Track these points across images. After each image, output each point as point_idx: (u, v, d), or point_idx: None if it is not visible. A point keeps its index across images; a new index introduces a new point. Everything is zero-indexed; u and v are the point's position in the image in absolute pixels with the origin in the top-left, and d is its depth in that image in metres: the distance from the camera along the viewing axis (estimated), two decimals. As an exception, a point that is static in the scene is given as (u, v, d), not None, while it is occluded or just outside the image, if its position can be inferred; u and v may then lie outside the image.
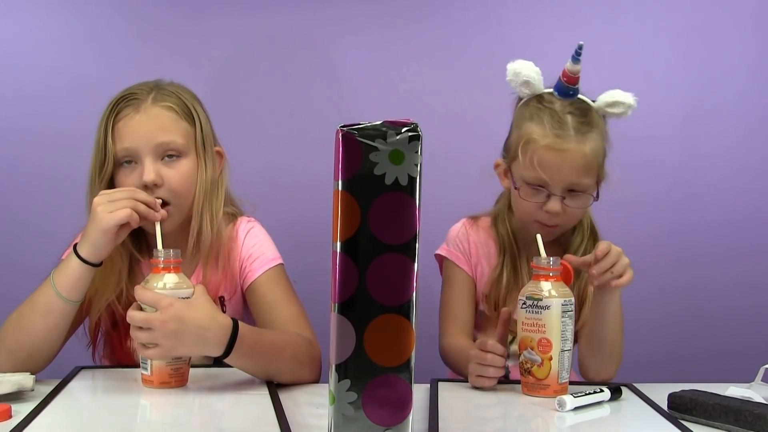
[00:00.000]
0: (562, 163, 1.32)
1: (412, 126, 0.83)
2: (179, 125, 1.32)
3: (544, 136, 1.33)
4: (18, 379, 1.09)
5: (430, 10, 1.97)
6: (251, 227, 1.41)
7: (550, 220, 1.35)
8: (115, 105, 1.30)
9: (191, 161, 1.33)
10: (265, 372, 1.20)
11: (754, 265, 1.96)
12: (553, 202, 1.33)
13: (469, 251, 1.47)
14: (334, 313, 0.83)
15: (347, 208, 0.82)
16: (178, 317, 1.10)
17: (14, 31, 1.91)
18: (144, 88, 1.32)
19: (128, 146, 1.28)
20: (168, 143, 1.30)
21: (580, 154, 1.32)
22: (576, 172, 1.33)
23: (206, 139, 1.35)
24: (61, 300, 1.19)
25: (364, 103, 1.95)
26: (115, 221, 1.17)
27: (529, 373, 1.17)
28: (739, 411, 0.99)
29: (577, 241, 1.44)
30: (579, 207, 1.36)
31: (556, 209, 1.33)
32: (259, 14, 1.95)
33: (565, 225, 1.40)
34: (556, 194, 1.33)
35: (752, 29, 1.97)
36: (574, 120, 1.34)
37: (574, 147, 1.32)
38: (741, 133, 1.97)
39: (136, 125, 1.28)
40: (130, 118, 1.29)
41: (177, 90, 1.35)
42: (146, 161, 1.28)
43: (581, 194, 1.35)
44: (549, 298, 1.16)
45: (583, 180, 1.34)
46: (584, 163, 1.33)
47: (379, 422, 0.84)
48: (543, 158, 1.32)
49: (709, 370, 1.78)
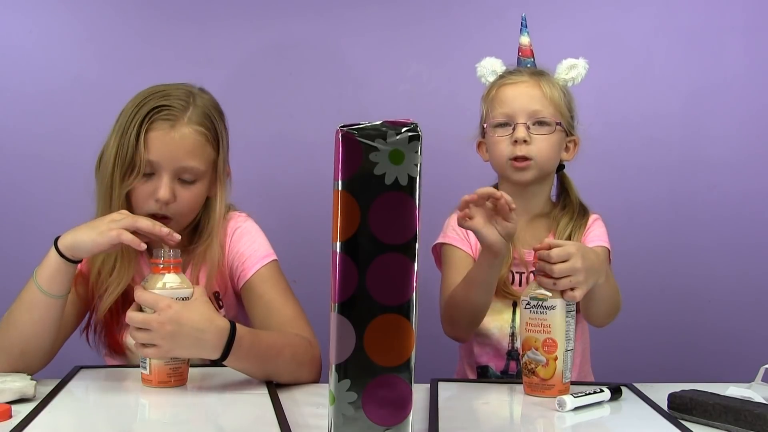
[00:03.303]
0: (519, 93, 1.43)
1: (412, 126, 0.83)
2: (205, 151, 1.32)
3: (501, 79, 1.47)
4: (20, 387, 1.08)
5: (430, 11, 1.97)
6: (241, 223, 1.40)
7: (521, 149, 1.40)
8: (150, 113, 1.27)
9: (204, 184, 1.34)
10: (263, 373, 1.20)
11: (754, 265, 1.96)
12: (519, 130, 1.40)
13: (467, 233, 1.46)
14: (334, 313, 0.83)
15: (347, 208, 0.82)
16: (176, 319, 1.10)
17: (14, 31, 1.91)
18: (180, 100, 1.30)
19: (153, 160, 1.27)
20: (191, 168, 1.30)
21: (536, 87, 1.43)
22: (534, 101, 1.42)
23: (224, 163, 1.37)
24: (42, 294, 1.19)
25: (364, 103, 1.95)
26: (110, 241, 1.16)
27: (533, 373, 1.17)
28: (739, 411, 0.99)
29: (565, 220, 1.45)
30: (544, 135, 1.41)
31: (522, 135, 1.40)
32: (260, 17, 1.95)
33: (538, 159, 1.41)
34: (520, 122, 1.41)
35: (752, 29, 1.97)
36: (528, 69, 1.47)
37: (528, 80, 1.44)
38: (741, 133, 1.97)
39: (166, 144, 1.27)
40: (164, 133, 1.27)
41: (209, 108, 1.34)
42: (165, 178, 1.28)
43: (552, 125, 1.41)
44: (554, 299, 1.15)
45: (547, 109, 1.42)
46: (540, 94, 1.42)
47: (379, 422, 0.84)
48: (502, 94, 1.45)
49: (709, 370, 1.79)
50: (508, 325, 1.43)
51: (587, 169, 1.52)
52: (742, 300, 1.96)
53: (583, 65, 1.47)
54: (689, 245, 1.97)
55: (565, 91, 1.46)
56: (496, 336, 1.44)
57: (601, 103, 1.91)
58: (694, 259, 1.97)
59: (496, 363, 1.45)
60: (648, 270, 1.90)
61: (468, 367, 1.49)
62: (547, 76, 1.46)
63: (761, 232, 1.97)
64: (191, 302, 1.15)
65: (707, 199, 1.97)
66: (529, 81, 1.44)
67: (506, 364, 1.44)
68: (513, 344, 1.42)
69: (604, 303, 1.32)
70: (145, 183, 1.29)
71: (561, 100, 1.44)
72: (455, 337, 1.44)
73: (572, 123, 1.47)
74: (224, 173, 1.38)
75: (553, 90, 1.43)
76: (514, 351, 1.42)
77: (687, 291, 1.97)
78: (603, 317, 1.37)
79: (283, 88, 1.95)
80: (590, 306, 1.32)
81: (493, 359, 1.45)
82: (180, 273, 1.19)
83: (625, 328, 1.47)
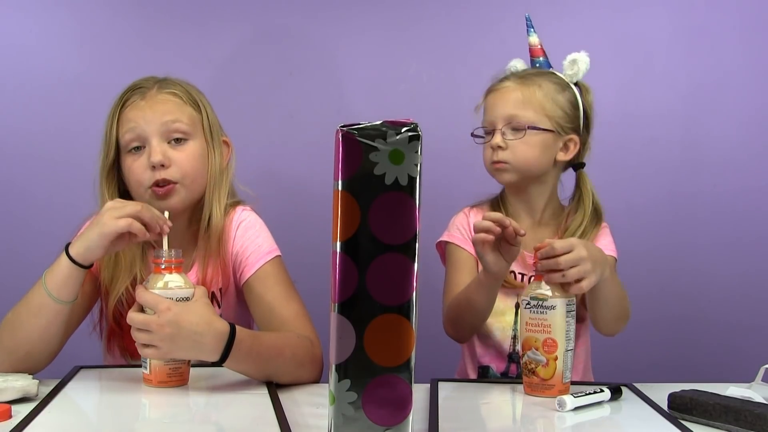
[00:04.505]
0: (499, 99, 1.44)
1: (412, 126, 0.83)
2: (185, 109, 1.35)
3: (489, 86, 1.47)
4: (22, 385, 1.08)
5: (430, 11, 1.97)
6: (246, 217, 1.40)
7: (495, 155, 1.42)
8: (122, 96, 1.34)
9: (198, 145, 1.36)
10: (263, 375, 1.20)
11: (753, 265, 1.96)
12: (495, 136, 1.42)
13: (470, 231, 1.46)
14: (334, 313, 0.83)
15: (347, 208, 0.82)
16: (175, 322, 1.10)
17: (14, 31, 1.91)
18: (150, 80, 1.37)
19: (134, 127, 1.31)
20: (173, 122, 1.32)
21: (516, 90, 1.42)
22: (512, 105, 1.41)
23: (213, 127, 1.38)
24: (52, 300, 1.18)
25: (364, 103, 1.95)
26: (116, 228, 1.17)
27: (533, 373, 1.17)
28: (739, 411, 0.99)
29: (576, 222, 1.45)
30: (519, 139, 1.40)
31: (496, 142, 1.42)
32: (259, 15, 1.95)
33: (514, 163, 1.42)
34: (498, 128, 1.42)
35: (752, 29, 1.97)
36: (521, 71, 1.48)
37: (511, 85, 1.44)
38: (741, 133, 1.97)
39: (141, 110, 1.32)
40: (135, 105, 1.33)
41: (182, 82, 1.40)
42: (153, 142, 1.31)
43: (524, 129, 1.40)
44: (554, 299, 1.15)
45: (521, 112, 1.41)
46: (521, 97, 1.41)
47: (379, 422, 0.84)
48: (486, 103, 1.47)
49: (709, 370, 1.79)
50: (510, 327, 1.43)
51: (586, 168, 1.52)
52: (742, 300, 1.96)
53: (584, 59, 1.45)
54: (689, 245, 1.97)
55: (564, 89, 1.44)
56: (498, 337, 1.44)
57: (600, 103, 1.91)
58: (694, 258, 1.97)
59: (497, 364, 1.45)
60: (648, 269, 1.90)
61: (470, 366, 1.49)
62: (540, 76, 1.44)
63: (761, 231, 1.97)
64: (191, 304, 1.15)
65: (707, 199, 1.97)
66: (511, 85, 1.43)
67: (507, 366, 1.44)
68: (514, 347, 1.42)
69: (611, 306, 1.31)
70: (138, 158, 1.31)
71: (548, 101, 1.42)
72: (456, 339, 1.45)
73: (575, 122, 1.45)
74: (219, 140, 1.40)
75: (538, 91, 1.42)
76: (515, 354, 1.42)
77: (687, 291, 1.97)
78: (611, 322, 1.35)
79: (283, 88, 1.95)
80: (597, 308, 1.31)
81: (494, 360, 1.45)
82: (181, 273, 1.19)
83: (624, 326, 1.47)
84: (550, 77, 1.45)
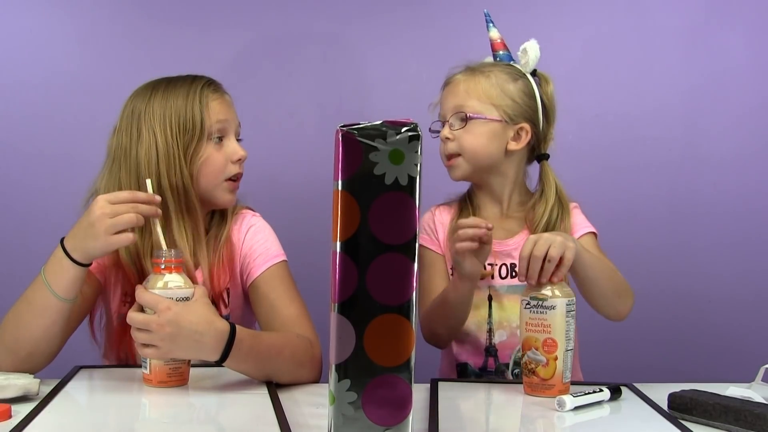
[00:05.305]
0: (449, 92, 1.46)
1: (412, 126, 0.83)
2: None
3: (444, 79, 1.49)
4: (23, 384, 1.08)
5: (430, 11, 1.97)
6: (255, 222, 1.42)
7: (444, 148, 1.45)
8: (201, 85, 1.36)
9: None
10: (263, 374, 1.20)
11: (753, 265, 1.96)
12: (444, 128, 1.45)
13: (436, 230, 1.50)
14: (334, 313, 0.83)
15: (347, 208, 0.82)
16: (175, 322, 1.10)
17: (14, 31, 1.91)
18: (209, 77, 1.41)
19: (225, 119, 1.36)
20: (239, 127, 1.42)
21: (464, 82, 1.44)
22: (459, 96, 1.43)
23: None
24: (57, 299, 1.18)
25: (364, 103, 1.95)
26: (117, 245, 1.17)
27: (533, 373, 1.17)
28: (739, 411, 0.99)
29: (540, 211, 1.44)
30: (463, 128, 1.41)
31: (444, 134, 1.44)
32: (259, 15, 1.95)
33: (464, 154, 1.43)
34: (447, 120, 1.44)
35: (752, 29, 1.97)
36: (474, 63, 1.48)
37: (459, 77, 1.45)
38: (741, 132, 1.97)
39: (227, 105, 1.39)
40: (220, 99, 1.37)
41: None
42: (233, 138, 1.38)
43: (470, 119, 1.41)
44: (554, 299, 1.16)
45: (467, 102, 1.42)
46: (464, 88, 1.43)
47: (379, 422, 0.84)
48: (441, 96, 1.48)
49: (709, 370, 1.78)
50: (485, 321, 1.43)
51: (587, 168, 1.53)
52: (742, 300, 1.96)
53: (534, 47, 1.45)
54: (689, 244, 1.97)
55: (517, 79, 1.43)
56: (474, 333, 1.44)
57: (600, 102, 1.91)
58: (694, 258, 1.97)
59: (474, 360, 1.45)
60: (648, 269, 1.90)
61: (448, 365, 1.49)
62: (492, 67, 1.45)
63: (761, 231, 1.97)
64: (191, 304, 1.15)
65: (707, 198, 1.97)
66: (460, 77, 1.45)
67: (485, 361, 1.43)
68: (491, 340, 1.42)
69: (603, 281, 1.30)
70: (220, 149, 1.36)
71: (495, 90, 1.42)
72: (436, 345, 1.47)
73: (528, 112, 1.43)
74: None
75: (484, 81, 1.42)
76: (492, 347, 1.42)
77: (687, 291, 1.97)
78: (612, 298, 1.33)
79: (283, 88, 1.95)
80: (590, 288, 1.30)
81: (471, 356, 1.45)
82: (181, 273, 1.19)
83: (625, 328, 1.46)
84: (503, 68, 1.45)
